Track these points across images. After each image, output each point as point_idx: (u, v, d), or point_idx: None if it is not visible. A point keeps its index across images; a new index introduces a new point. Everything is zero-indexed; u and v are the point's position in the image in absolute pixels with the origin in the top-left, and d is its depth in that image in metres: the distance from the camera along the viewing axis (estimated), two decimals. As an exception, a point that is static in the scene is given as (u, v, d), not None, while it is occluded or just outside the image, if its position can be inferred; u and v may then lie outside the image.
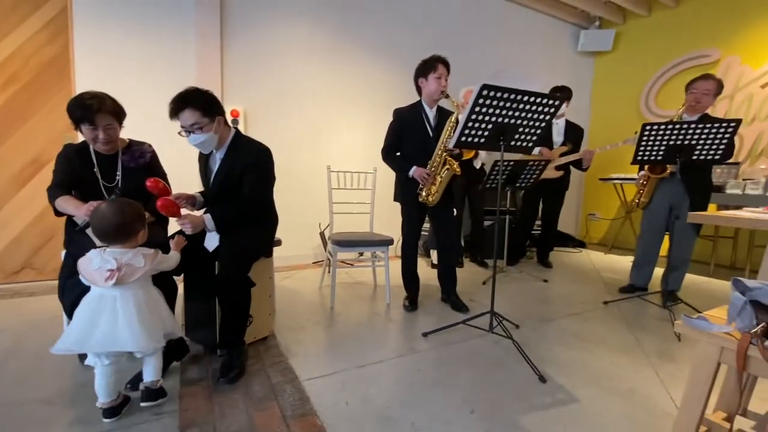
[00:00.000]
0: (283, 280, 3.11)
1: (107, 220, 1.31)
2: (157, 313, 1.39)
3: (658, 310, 2.56)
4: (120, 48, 2.83)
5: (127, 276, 1.30)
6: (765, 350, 0.94)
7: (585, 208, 5.44)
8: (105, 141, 1.69)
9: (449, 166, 2.24)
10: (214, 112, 1.66)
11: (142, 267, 1.33)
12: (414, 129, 2.35)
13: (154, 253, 1.40)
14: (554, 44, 5.01)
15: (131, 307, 1.30)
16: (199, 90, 1.65)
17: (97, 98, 1.64)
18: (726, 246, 3.95)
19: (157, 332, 1.37)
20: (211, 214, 1.66)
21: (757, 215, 1.43)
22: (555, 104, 1.83)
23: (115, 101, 1.72)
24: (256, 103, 3.31)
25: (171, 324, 1.45)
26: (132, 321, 1.29)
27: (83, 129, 1.66)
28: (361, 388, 1.57)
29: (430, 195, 2.29)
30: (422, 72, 2.31)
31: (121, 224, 1.32)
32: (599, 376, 1.70)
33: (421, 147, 2.33)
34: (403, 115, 2.39)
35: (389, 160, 2.42)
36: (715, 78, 2.49)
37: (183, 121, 1.63)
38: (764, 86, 3.79)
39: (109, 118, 1.67)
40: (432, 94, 2.29)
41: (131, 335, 1.27)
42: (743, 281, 1.02)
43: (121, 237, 1.34)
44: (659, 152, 2.36)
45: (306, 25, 3.47)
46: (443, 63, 2.27)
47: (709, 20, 4.18)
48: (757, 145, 3.86)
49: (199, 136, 1.64)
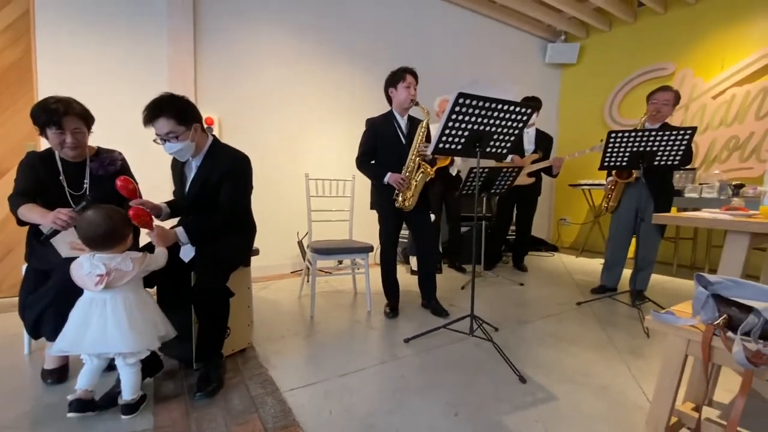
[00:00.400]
0: (260, 290, 3.04)
1: (96, 227, 1.31)
2: (148, 315, 1.41)
3: (627, 309, 2.67)
4: (86, 53, 2.73)
5: (116, 280, 1.32)
6: (727, 340, 1.00)
7: (556, 214, 5.64)
8: (72, 146, 1.62)
9: (423, 170, 2.29)
10: (189, 119, 1.62)
11: (131, 271, 1.35)
12: (387, 137, 2.40)
13: (142, 256, 1.41)
14: (524, 57, 5.21)
15: (121, 309, 1.32)
16: (174, 96, 1.61)
17: (63, 102, 1.59)
18: (686, 247, 4.18)
19: (150, 334, 1.38)
20: (183, 227, 1.62)
21: (715, 215, 1.53)
22: (527, 112, 1.91)
23: (82, 105, 1.66)
24: (231, 111, 3.26)
25: (164, 326, 1.47)
26: (122, 323, 1.31)
27: (49, 134, 1.59)
28: (344, 396, 1.55)
29: (406, 200, 2.32)
30: (392, 82, 2.38)
31: (110, 231, 1.33)
32: (576, 374, 1.75)
33: (395, 154, 2.37)
34: (375, 124, 2.43)
35: (364, 168, 2.45)
36: (673, 89, 2.67)
37: (158, 130, 1.58)
38: (715, 97, 4.08)
39: (77, 121, 1.61)
40: (402, 103, 2.35)
41: (121, 337, 1.30)
42: (705, 276, 1.08)
43: (110, 243, 1.35)
44: (624, 158, 2.49)
45: (281, 32, 3.47)
46: (411, 73, 2.34)
47: (664, 36, 4.47)
48: (710, 151, 4.14)
49: (174, 144, 1.60)
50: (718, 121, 4.08)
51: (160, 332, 1.45)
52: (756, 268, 1.80)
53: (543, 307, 2.72)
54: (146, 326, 1.38)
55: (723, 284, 1.06)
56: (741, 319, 1.00)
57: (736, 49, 3.94)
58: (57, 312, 1.45)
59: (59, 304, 1.45)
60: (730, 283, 1.05)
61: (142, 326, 1.36)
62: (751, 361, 0.94)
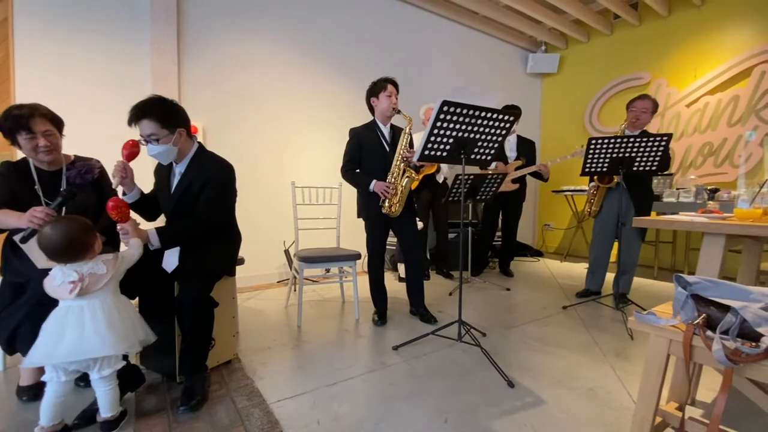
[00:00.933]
0: (246, 300, 2.99)
1: (56, 242, 1.25)
2: (128, 318, 1.37)
3: (611, 312, 2.71)
4: (67, 61, 2.67)
5: (92, 285, 1.29)
6: (707, 339, 1.03)
7: (540, 219, 5.73)
8: (46, 149, 1.57)
9: (408, 175, 2.31)
10: (174, 123, 1.60)
11: (105, 273, 1.32)
12: (371, 146, 2.42)
13: (114, 257, 1.38)
14: (506, 66, 5.33)
15: (99, 313, 1.29)
16: (162, 100, 1.60)
17: (27, 106, 1.55)
18: (666, 250, 4.29)
19: (130, 337, 1.35)
20: (156, 229, 1.57)
21: (692, 218, 1.58)
22: (510, 119, 1.94)
23: (49, 109, 1.62)
24: (215, 119, 3.23)
25: (144, 330, 1.43)
26: (100, 327, 1.27)
27: (21, 141, 1.55)
28: (333, 406, 1.53)
29: (393, 206, 2.33)
30: (373, 92, 2.42)
31: (70, 243, 1.27)
32: (563, 377, 1.77)
33: (379, 162, 2.39)
34: (359, 133, 2.45)
35: (349, 177, 2.45)
36: (651, 98, 2.76)
37: (141, 131, 1.57)
38: (689, 105, 4.24)
39: (46, 123, 1.57)
40: (384, 111, 2.38)
41: (100, 341, 1.26)
42: (684, 277, 1.11)
43: (74, 255, 1.29)
44: (604, 164, 2.55)
45: (267, 41, 3.47)
46: (392, 83, 2.39)
47: (639, 47, 4.64)
48: (686, 157, 4.28)
49: (155, 147, 1.58)
50: (692, 128, 4.23)
51: (140, 336, 1.40)
52: (732, 271, 1.85)
53: (530, 312, 2.74)
54: (126, 329, 1.34)
55: (701, 284, 1.09)
56: (719, 318, 1.03)
57: (708, 59, 4.11)
58: (33, 326, 1.39)
59: (35, 317, 1.39)
60: (708, 284, 1.08)
61: (122, 329, 1.32)
62: (730, 359, 0.97)
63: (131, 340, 1.35)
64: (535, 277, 3.90)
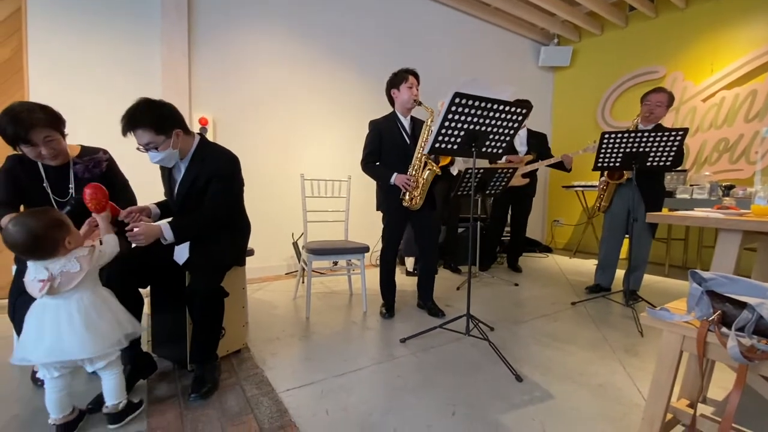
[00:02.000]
0: (255, 292, 3.02)
1: (17, 239, 1.16)
2: (109, 314, 1.29)
3: (621, 309, 2.69)
4: (79, 53, 2.70)
5: (64, 284, 1.20)
6: (721, 336, 1.01)
7: (550, 215, 5.68)
8: (51, 155, 1.56)
9: (430, 168, 2.28)
10: (169, 126, 1.55)
11: (79, 271, 1.22)
12: (391, 138, 2.39)
13: (89, 252, 1.27)
14: (518, 59, 5.26)
15: (75, 313, 1.20)
16: (150, 103, 1.53)
17: (25, 111, 1.47)
18: (678, 247, 4.23)
19: (113, 335, 1.27)
20: (169, 223, 1.57)
21: (707, 214, 1.55)
22: (523, 113, 1.92)
23: (46, 109, 1.54)
24: (225, 111, 3.24)
25: (130, 324, 1.35)
26: (77, 328, 1.19)
27: (23, 149, 1.52)
28: (341, 396, 1.54)
29: (414, 199, 2.32)
30: (394, 83, 2.39)
31: (33, 240, 1.16)
32: (572, 373, 1.76)
33: (400, 155, 2.37)
34: (379, 125, 2.43)
35: (369, 170, 2.44)
36: (667, 91, 2.70)
37: (138, 140, 1.54)
38: (705, 100, 4.15)
39: (45, 130, 1.51)
40: (405, 103, 2.35)
41: (79, 343, 1.19)
42: (700, 273, 1.10)
43: (40, 252, 1.19)
44: (617, 159, 2.51)
45: (277, 33, 3.46)
46: (413, 74, 2.35)
47: (655, 40, 4.54)
48: (701, 153, 4.20)
49: (156, 154, 1.56)
50: (708, 123, 4.14)
51: (126, 330, 1.32)
52: (746, 270, 1.82)
53: (538, 307, 2.73)
54: (108, 327, 1.26)
55: (717, 281, 1.07)
56: (735, 314, 1.01)
57: (725, 52, 4.01)
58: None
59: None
60: (724, 280, 1.06)
61: (102, 328, 1.24)
62: (745, 356, 0.95)
63: (113, 337, 1.27)
64: (544, 273, 3.87)
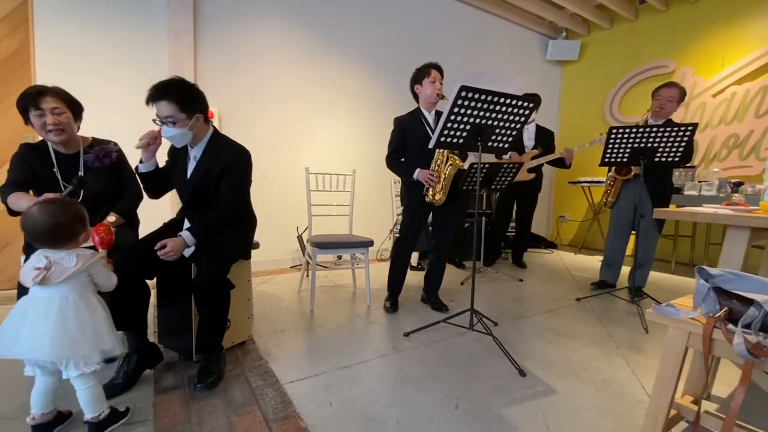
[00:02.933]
0: (260, 284, 3.04)
1: (38, 223, 1.16)
2: (89, 323, 1.20)
3: (626, 305, 2.68)
4: (85, 45, 2.71)
5: (54, 276, 1.17)
6: (728, 332, 1.01)
7: (555, 211, 5.64)
8: (56, 127, 1.58)
9: (452, 163, 2.27)
10: (193, 108, 1.60)
11: (72, 267, 1.19)
12: (416, 134, 2.37)
13: (91, 254, 1.25)
14: (525, 53, 5.20)
15: (54, 311, 1.15)
16: (183, 82, 1.59)
17: (41, 85, 1.58)
18: (685, 244, 4.19)
19: (84, 345, 1.18)
20: (189, 230, 1.60)
21: (716, 210, 1.53)
22: (529, 106, 1.90)
23: (65, 91, 1.64)
24: (231, 104, 3.24)
25: (110, 340, 1.24)
26: (50, 325, 1.13)
27: (31, 118, 1.58)
28: (345, 388, 1.56)
29: (437, 194, 2.31)
30: (417, 79, 2.37)
31: (53, 227, 1.17)
32: (575, 368, 1.76)
33: (424, 150, 2.33)
34: (404, 122, 2.41)
35: (393, 167, 2.44)
36: (679, 86, 2.65)
37: (158, 111, 1.57)
38: (715, 95, 4.08)
39: (56, 101, 1.58)
40: (429, 98, 2.34)
41: (49, 343, 1.12)
42: (707, 269, 1.09)
43: (56, 241, 1.20)
44: (624, 154, 2.49)
45: (283, 25, 3.45)
46: (436, 68, 2.33)
47: (665, 33, 4.47)
48: (710, 149, 4.14)
49: (171, 129, 1.58)
50: (717, 119, 4.08)
51: (104, 345, 1.22)
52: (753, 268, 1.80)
53: (542, 303, 2.72)
54: (81, 334, 1.17)
55: (724, 277, 1.06)
56: (742, 311, 1.00)
57: (737, 47, 3.94)
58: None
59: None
60: (732, 276, 1.06)
61: (74, 333, 1.16)
62: (751, 353, 0.95)
63: (84, 347, 1.18)
64: (549, 269, 3.86)
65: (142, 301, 1.62)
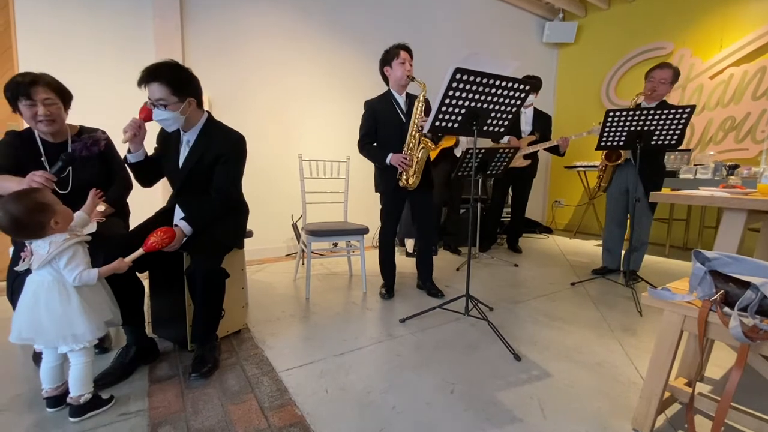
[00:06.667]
0: (255, 273, 3.02)
1: (2, 221, 1.17)
2: (60, 309, 1.21)
3: (621, 289, 2.69)
4: (68, 28, 2.61)
5: (35, 262, 1.21)
6: (723, 316, 1.00)
7: (551, 196, 5.64)
8: (47, 118, 1.55)
9: (424, 146, 2.24)
10: (186, 92, 1.57)
11: (44, 253, 1.20)
12: (387, 117, 2.34)
13: (62, 241, 1.22)
14: (520, 35, 5.11)
15: (30, 294, 1.21)
16: (177, 66, 1.56)
17: (32, 74, 1.54)
18: (679, 228, 4.21)
19: (51, 330, 1.21)
20: (185, 220, 1.58)
21: (712, 193, 1.52)
22: (525, 89, 1.86)
23: (56, 80, 1.60)
24: (221, 89, 3.17)
25: (82, 327, 1.23)
26: (24, 307, 1.21)
27: (21, 108, 1.54)
28: (341, 375, 1.55)
29: (410, 178, 2.29)
30: (386, 61, 2.33)
31: (13, 222, 1.16)
32: (570, 352, 1.77)
33: (396, 134, 2.32)
34: (374, 105, 2.37)
35: (365, 151, 2.40)
36: (672, 66, 2.61)
37: (150, 94, 1.53)
38: (713, 77, 4.05)
39: (47, 91, 1.55)
40: (399, 80, 2.30)
41: (20, 322, 1.21)
42: (704, 253, 1.08)
43: (23, 233, 1.21)
44: (621, 138, 2.46)
45: (274, 8, 3.35)
46: (405, 49, 2.29)
47: (663, 14, 4.39)
48: (706, 132, 4.13)
49: (162, 112, 1.54)
50: (714, 101, 4.06)
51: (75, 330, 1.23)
52: (748, 251, 1.80)
53: (537, 287, 2.73)
54: (48, 318, 1.21)
55: (721, 260, 1.06)
56: (738, 294, 1.00)
57: (735, 28, 3.88)
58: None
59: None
60: (728, 259, 1.05)
61: (42, 317, 1.20)
62: (747, 336, 0.95)
63: (50, 333, 1.21)
64: (544, 254, 3.87)
65: (136, 295, 1.60)
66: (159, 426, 1.25)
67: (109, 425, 1.25)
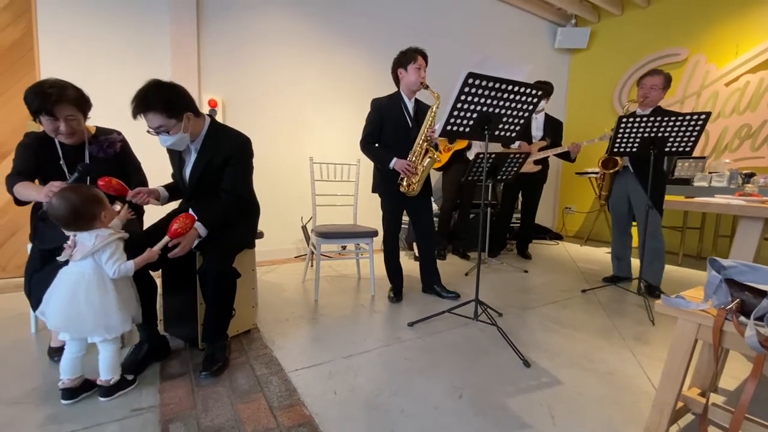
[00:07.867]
0: (264, 274, 3.05)
1: (60, 211, 1.28)
2: (98, 301, 1.31)
3: (633, 297, 2.65)
4: (88, 32, 2.68)
5: (77, 253, 1.30)
6: (739, 325, 0.99)
7: (561, 202, 5.59)
8: (68, 133, 1.58)
9: (431, 156, 2.25)
10: (179, 110, 1.53)
11: (89, 245, 1.30)
12: (394, 119, 2.34)
13: (108, 235, 1.33)
14: (532, 41, 5.10)
15: (70, 284, 1.30)
16: (159, 86, 1.51)
17: (57, 87, 1.51)
18: (693, 237, 4.14)
19: (89, 321, 1.30)
20: (200, 221, 1.58)
21: (729, 201, 1.50)
22: (537, 94, 1.86)
23: (78, 90, 1.59)
24: (235, 92, 3.22)
25: (115, 319, 1.33)
26: (62, 297, 1.29)
27: (43, 120, 1.55)
28: (349, 377, 1.56)
29: (411, 185, 2.29)
30: (401, 63, 2.32)
31: (72, 212, 1.28)
32: (581, 359, 1.75)
33: (401, 137, 2.33)
34: (381, 105, 2.37)
35: (368, 151, 2.39)
36: (663, 73, 2.57)
37: (148, 123, 1.52)
38: (728, 84, 3.99)
39: (70, 108, 1.55)
40: (411, 85, 2.30)
41: (56, 311, 1.29)
42: (719, 261, 1.06)
43: (78, 223, 1.30)
44: (634, 144, 2.44)
45: (287, 14, 3.40)
46: (422, 55, 2.28)
47: (677, 20, 4.35)
48: (721, 140, 4.06)
49: (168, 138, 1.56)
50: (730, 108, 3.99)
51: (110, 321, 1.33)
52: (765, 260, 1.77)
53: (547, 294, 2.71)
54: (87, 309, 1.29)
55: (737, 269, 1.04)
56: (754, 303, 0.98)
57: (751, 34, 3.83)
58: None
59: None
60: (745, 268, 1.03)
61: (81, 307, 1.29)
62: (764, 346, 0.93)
63: (88, 323, 1.30)
64: (554, 261, 3.83)
65: (150, 293, 1.63)
66: (170, 422, 1.26)
67: (121, 420, 1.27)
